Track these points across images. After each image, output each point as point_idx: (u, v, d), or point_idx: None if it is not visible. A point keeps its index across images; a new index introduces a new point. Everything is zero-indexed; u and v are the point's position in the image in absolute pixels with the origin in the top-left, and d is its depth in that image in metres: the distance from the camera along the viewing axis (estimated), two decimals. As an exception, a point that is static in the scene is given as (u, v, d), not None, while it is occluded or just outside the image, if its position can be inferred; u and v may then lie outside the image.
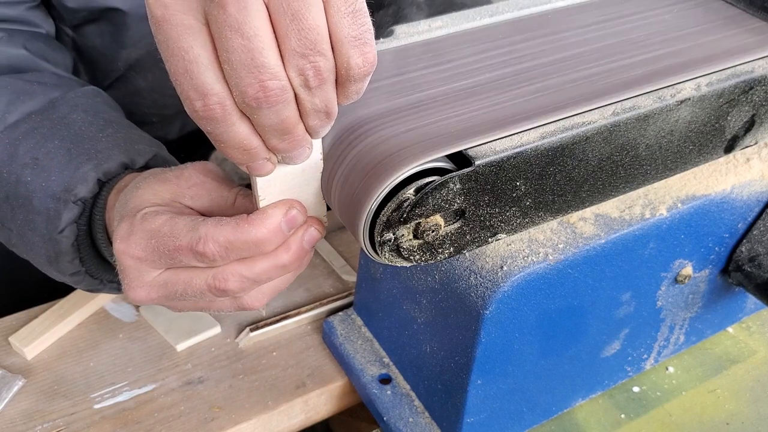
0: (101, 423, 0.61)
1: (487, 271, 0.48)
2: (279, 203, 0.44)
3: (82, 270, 0.57)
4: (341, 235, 0.79)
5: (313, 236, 0.46)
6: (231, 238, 0.43)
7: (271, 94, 0.35)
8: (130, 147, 0.56)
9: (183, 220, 0.44)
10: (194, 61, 0.35)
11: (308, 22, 0.34)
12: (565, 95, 0.44)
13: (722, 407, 0.61)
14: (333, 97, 0.38)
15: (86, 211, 0.55)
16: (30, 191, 0.55)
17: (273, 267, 0.45)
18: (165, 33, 0.35)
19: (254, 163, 0.40)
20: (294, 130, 0.39)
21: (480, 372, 0.51)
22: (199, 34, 0.34)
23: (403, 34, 0.50)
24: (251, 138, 0.38)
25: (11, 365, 0.65)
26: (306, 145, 0.40)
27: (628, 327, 0.58)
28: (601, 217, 0.51)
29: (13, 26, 0.66)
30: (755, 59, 0.48)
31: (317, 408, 0.65)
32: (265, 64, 0.34)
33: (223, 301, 0.47)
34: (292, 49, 0.35)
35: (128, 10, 0.70)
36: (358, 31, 0.36)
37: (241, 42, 0.34)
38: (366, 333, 0.65)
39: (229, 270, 0.44)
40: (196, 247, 0.43)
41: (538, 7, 0.55)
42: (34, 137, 0.57)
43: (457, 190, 0.40)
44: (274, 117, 0.37)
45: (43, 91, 0.60)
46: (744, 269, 0.58)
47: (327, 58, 0.36)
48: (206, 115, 0.36)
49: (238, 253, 0.43)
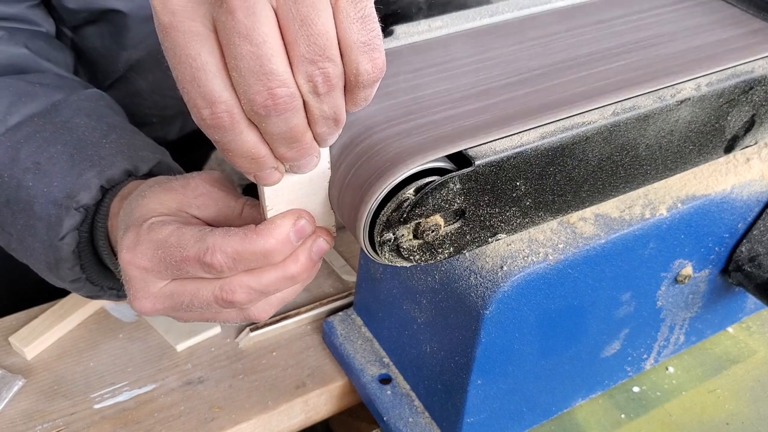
0: (101, 423, 0.61)
1: (487, 271, 0.48)
2: (287, 213, 0.43)
3: (82, 277, 0.57)
4: (341, 235, 0.79)
5: (322, 247, 0.45)
6: (239, 249, 0.42)
7: (280, 101, 0.35)
8: (134, 154, 0.56)
9: (190, 230, 0.43)
10: (202, 68, 0.34)
11: (317, 28, 0.34)
12: (565, 95, 0.44)
13: (722, 407, 0.61)
14: (341, 103, 0.38)
15: (88, 218, 0.54)
16: (31, 196, 0.55)
17: (281, 278, 0.44)
18: (172, 40, 0.34)
19: (262, 173, 0.40)
20: (302, 138, 0.38)
21: (480, 372, 0.51)
22: (206, 41, 0.34)
23: (403, 34, 0.50)
24: (259, 147, 0.38)
25: (11, 365, 0.65)
26: (314, 154, 0.40)
27: (628, 327, 0.58)
28: (601, 217, 0.51)
29: (14, 24, 0.65)
30: (755, 59, 0.48)
31: (317, 408, 0.65)
32: (274, 71, 0.34)
33: (229, 313, 0.47)
34: (301, 55, 0.34)
35: (129, 11, 0.70)
36: (368, 37, 0.35)
37: (249, 49, 0.33)
38: (366, 333, 0.65)
39: (236, 281, 0.44)
40: (204, 258, 0.42)
41: (538, 7, 0.54)
42: (36, 141, 0.56)
43: (457, 190, 0.40)
44: (283, 125, 0.36)
45: (45, 93, 0.60)
46: (744, 269, 0.58)
47: (336, 64, 0.35)
48: (214, 123, 0.36)
49: (246, 264, 0.43)
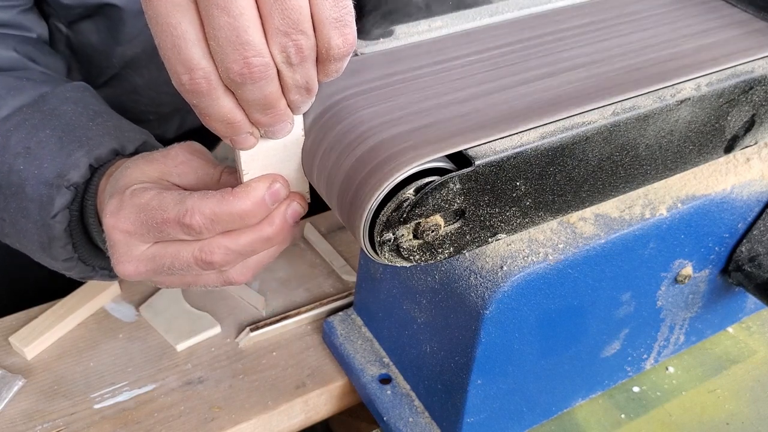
0: (101, 423, 0.61)
1: (487, 271, 0.48)
2: (262, 177, 0.45)
3: (74, 256, 0.58)
4: (341, 235, 0.79)
5: (296, 210, 0.47)
6: (216, 210, 0.44)
7: (255, 70, 0.37)
8: (120, 134, 0.58)
9: (170, 194, 0.46)
10: (182, 36, 0.36)
11: (291, 3, 0.36)
12: (565, 95, 0.44)
13: (722, 407, 0.61)
14: (313, 74, 0.40)
15: (78, 197, 0.56)
16: (23, 179, 0.56)
17: (257, 240, 0.46)
18: (155, 9, 0.36)
19: (238, 137, 0.42)
20: (276, 105, 0.40)
21: (480, 372, 0.51)
22: (187, 11, 0.36)
23: (403, 34, 0.50)
24: (235, 112, 0.40)
25: (11, 365, 0.65)
26: (288, 120, 0.42)
27: (628, 327, 0.58)
28: (601, 217, 0.51)
29: (4, 30, 0.66)
30: (755, 59, 0.48)
31: (317, 408, 0.65)
32: (250, 42, 0.36)
33: (209, 275, 0.49)
34: (276, 27, 0.36)
35: (124, 5, 0.70)
36: (339, 13, 0.37)
37: (227, 20, 0.35)
38: (366, 333, 0.65)
39: (215, 243, 0.46)
40: (183, 219, 0.44)
41: (538, 7, 0.55)
42: (25, 128, 0.58)
43: (457, 190, 0.40)
44: (258, 92, 0.38)
45: (33, 86, 0.61)
46: (744, 269, 0.58)
47: (308, 37, 0.37)
48: (192, 88, 0.38)
49: (223, 225, 0.45)
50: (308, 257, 0.77)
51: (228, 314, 0.70)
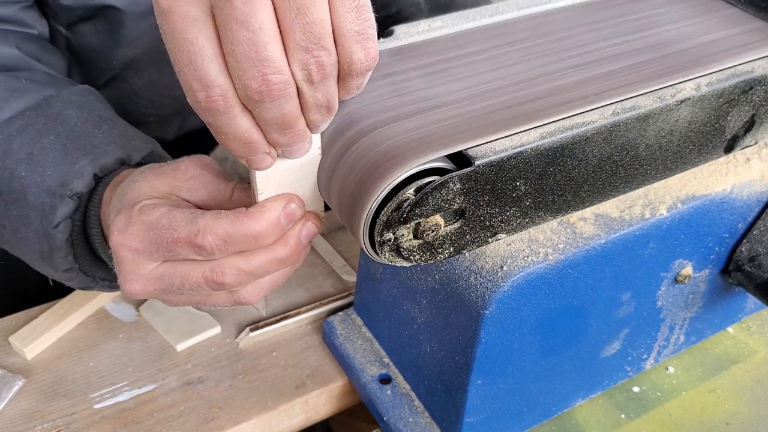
0: (101, 423, 0.61)
1: (487, 271, 0.48)
2: (278, 197, 0.44)
3: (75, 267, 0.57)
4: (341, 235, 0.79)
5: (311, 231, 0.46)
6: (230, 231, 0.43)
7: (274, 88, 0.36)
8: (127, 143, 0.56)
9: (181, 212, 0.44)
10: (198, 52, 0.35)
11: (313, 17, 0.34)
12: (565, 96, 0.44)
13: (722, 407, 0.61)
14: (335, 91, 0.38)
15: (81, 207, 0.55)
16: (24, 186, 0.55)
17: (270, 261, 0.45)
18: (171, 24, 0.35)
19: (254, 157, 0.40)
20: (295, 125, 0.39)
21: (480, 372, 0.51)
22: (204, 25, 0.35)
23: (403, 34, 0.50)
24: (252, 131, 0.39)
25: (11, 365, 0.65)
26: (306, 140, 0.41)
27: (628, 327, 0.58)
28: (601, 217, 0.51)
29: (6, 26, 0.65)
30: (755, 59, 0.48)
31: (317, 408, 0.65)
32: (269, 58, 0.35)
33: (219, 296, 0.47)
34: (297, 43, 0.35)
35: (124, 7, 0.69)
36: (362, 26, 0.36)
37: (246, 35, 0.34)
38: (366, 333, 0.65)
39: (226, 263, 0.44)
40: (195, 240, 0.43)
41: (538, 7, 0.54)
42: (28, 133, 0.57)
43: (457, 190, 0.40)
44: (276, 111, 0.37)
45: (37, 89, 0.60)
46: (744, 269, 0.58)
47: (330, 53, 0.36)
48: (208, 106, 0.36)
49: (236, 246, 0.43)
50: (308, 257, 0.77)
51: (228, 314, 0.70)
